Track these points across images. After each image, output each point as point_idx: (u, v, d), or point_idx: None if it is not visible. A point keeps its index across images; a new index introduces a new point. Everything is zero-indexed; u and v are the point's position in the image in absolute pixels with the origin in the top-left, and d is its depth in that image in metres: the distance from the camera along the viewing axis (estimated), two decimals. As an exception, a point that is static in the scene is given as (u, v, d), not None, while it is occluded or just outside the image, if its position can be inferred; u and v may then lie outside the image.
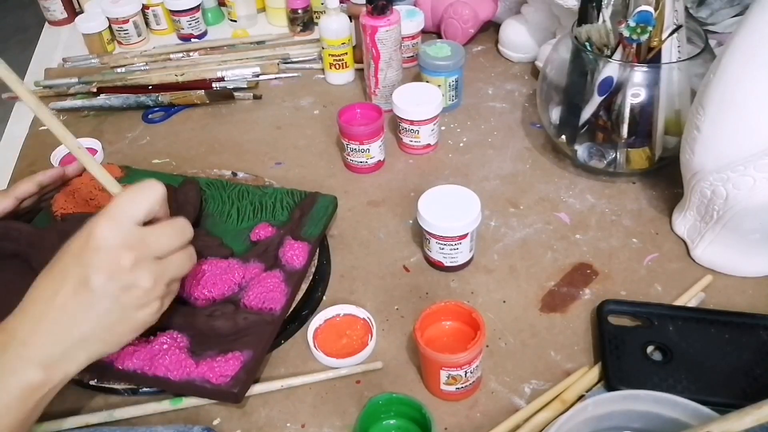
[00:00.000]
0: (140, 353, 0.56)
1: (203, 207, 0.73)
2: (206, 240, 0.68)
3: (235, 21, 1.14)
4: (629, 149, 0.74)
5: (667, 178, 0.76)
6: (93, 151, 0.86)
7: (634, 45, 0.68)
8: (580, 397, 0.56)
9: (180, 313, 0.59)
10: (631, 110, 0.70)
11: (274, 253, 0.65)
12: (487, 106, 0.92)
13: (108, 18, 1.08)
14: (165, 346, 0.56)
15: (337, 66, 0.97)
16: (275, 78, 1.01)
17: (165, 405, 0.57)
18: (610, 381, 0.56)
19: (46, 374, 0.46)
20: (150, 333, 0.58)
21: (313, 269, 0.67)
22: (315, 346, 0.60)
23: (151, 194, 0.50)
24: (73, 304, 0.47)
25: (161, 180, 0.52)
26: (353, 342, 0.61)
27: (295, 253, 0.65)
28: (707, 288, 0.65)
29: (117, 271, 0.47)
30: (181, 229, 0.52)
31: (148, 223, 0.50)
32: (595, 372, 0.58)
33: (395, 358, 0.61)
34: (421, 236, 0.68)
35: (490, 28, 1.07)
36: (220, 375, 0.55)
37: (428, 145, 0.84)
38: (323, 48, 0.96)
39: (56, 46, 1.14)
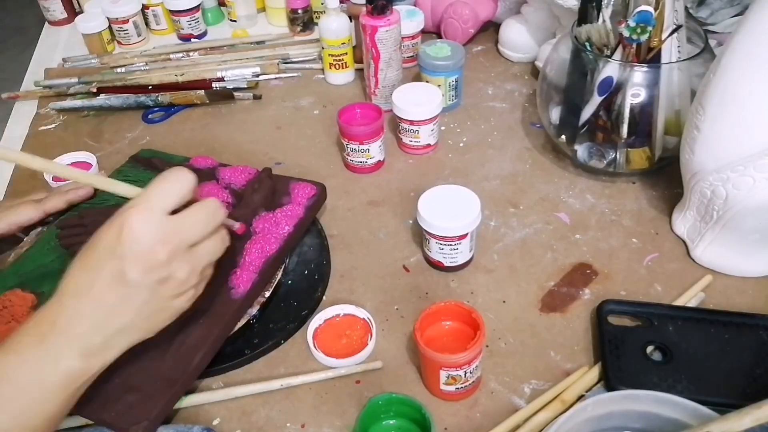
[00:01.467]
0: None
1: None
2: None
3: (235, 21, 1.14)
4: (629, 149, 0.74)
5: (667, 178, 0.76)
6: (88, 166, 0.81)
7: (634, 45, 0.68)
8: (580, 397, 0.56)
9: None
10: (631, 110, 0.70)
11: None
12: (487, 106, 0.92)
13: (108, 18, 1.08)
14: None
15: (337, 66, 0.97)
16: (275, 78, 1.01)
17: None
18: (609, 381, 0.56)
19: (87, 363, 0.47)
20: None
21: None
22: (315, 346, 0.60)
23: (181, 184, 0.49)
24: (111, 296, 0.47)
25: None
26: (353, 342, 0.61)
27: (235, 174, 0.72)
28: (707, 288, 0.65)
29: (153, 265, 0.47)
30: (212, 213, 0.51)
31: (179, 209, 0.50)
32: (594, 372, 0.57)
33: (395, 358, 0.61)
34: (421, 236, 0.68)
35: (490, 28, 1.07)
36: None
37: (428, 145, 0.83)
38: (323, 48, 0.96)
39: (56, 46, 1.14)
